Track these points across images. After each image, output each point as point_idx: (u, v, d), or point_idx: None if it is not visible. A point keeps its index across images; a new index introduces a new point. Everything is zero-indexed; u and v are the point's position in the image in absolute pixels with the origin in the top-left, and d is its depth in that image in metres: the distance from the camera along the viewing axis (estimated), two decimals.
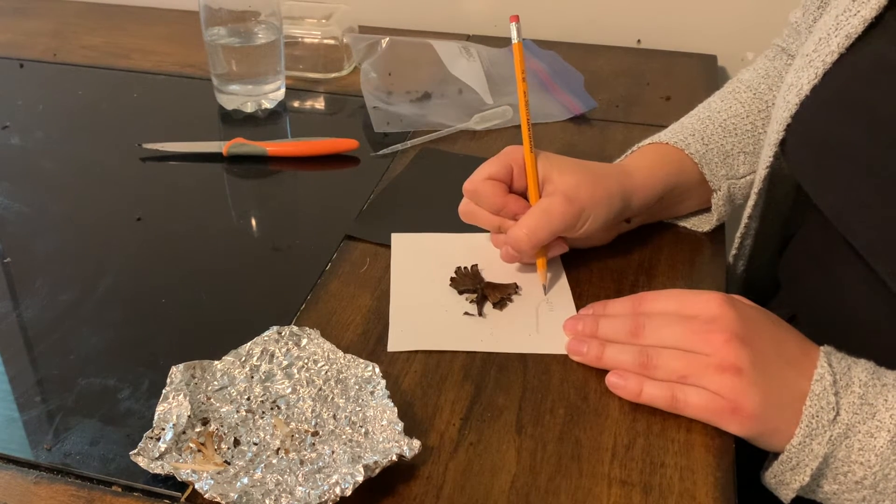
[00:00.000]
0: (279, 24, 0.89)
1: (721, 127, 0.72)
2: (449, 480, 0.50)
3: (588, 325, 0.59)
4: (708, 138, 0.70)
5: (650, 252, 0.69)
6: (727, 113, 0.73)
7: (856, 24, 0.57)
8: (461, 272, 0.66)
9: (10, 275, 0.68)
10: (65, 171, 0.82)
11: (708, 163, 0.70)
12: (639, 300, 0.58)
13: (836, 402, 0.51)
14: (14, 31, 1.12)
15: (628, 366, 0.56)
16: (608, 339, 0.58)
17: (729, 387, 0.52)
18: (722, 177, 0.70)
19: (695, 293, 0.56)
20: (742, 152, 0.71)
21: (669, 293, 0.58)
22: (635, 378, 0.55)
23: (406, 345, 0.60)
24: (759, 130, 0.72)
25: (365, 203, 0.75)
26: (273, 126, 0.90)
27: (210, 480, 0.48)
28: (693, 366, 0.53)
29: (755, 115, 0.73)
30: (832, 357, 0.53)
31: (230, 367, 0.56)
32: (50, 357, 0.60)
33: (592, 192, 0.63)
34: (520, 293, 0.65)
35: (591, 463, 0.52)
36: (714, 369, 0.52)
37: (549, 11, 1.10)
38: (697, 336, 0.53)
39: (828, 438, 0.50)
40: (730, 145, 0.71)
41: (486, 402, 0.56)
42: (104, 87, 0.98)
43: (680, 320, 0.55)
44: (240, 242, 0.72)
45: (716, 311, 0.54)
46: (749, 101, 0.73)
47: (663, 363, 0.54)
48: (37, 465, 0.52)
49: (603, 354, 0.57)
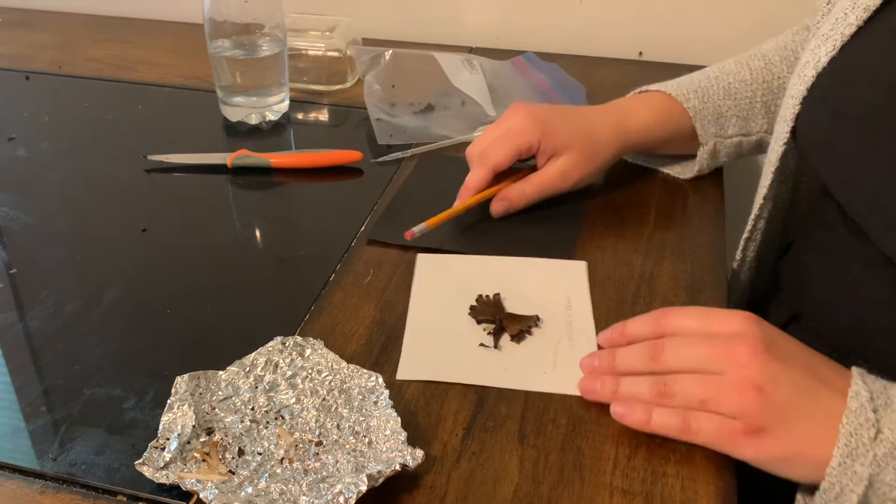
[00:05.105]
0: (283, 36, 0.90)
1: (724, 89, 0.77)
2: (452, 490, 0.51)
3: (605, 361, 0.56)
4: (708, 97, 0.77)
5: (652, 263, 0.70)
6: (734, 77, 0.78)
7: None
8: (482, 301, 0.65)
9: (16, 286, 0.68)
10: (70, 183, 0.82)
11: (701, 119, 0.76)
12: (660, 316, 0.56)
13: (876, 419, 0.47)
14: (20, 44, 1.13)
15: (645, 398, 0.53)
16: (626, 371, 0.55)
17: (746, 408, 0.49)
18: (711, 134, 0.77)
19: (719, 310, 0.54)
20: (736, 115, 0.77)
21: (693, 310, 0.55)
22: (642, 406, 0.53)
23: (416, 374, 0.59)
24: (757, 99, 0.78)
25: (368, 215, 0.76)
26: (277, 138, 0.91)
27: (214, 490, 0.48)
28: (712, 389, 0.50)
29: (759, 84, 0.78)
30: (866, 377, 0.50)
31: (234, 378, 0.56)
32: (55, 367, 0.60)
33: (588, 166, 0.74)
34: (540, 326, 0.63)
35: (593, 472, 0.52)
36: (734, 388, 0.49)
37: (551, 24, 1.10)
38: (718, 351, 0.51)
39: (871, 458, 0.46)
40: (726, 107, 0.77)
41: (489, 411, 0.56)
42: (109, 100, 0.99)
43: (702, 339, 0.52)
44: (244, 253, 0.73)
45: (740, 327, 0.51)
46: (758, 70, 0.78)
47: (681, 389, 0.51)
48: (42, 475, 0.52)
49: (618, 389, 0.54)
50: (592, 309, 0.64)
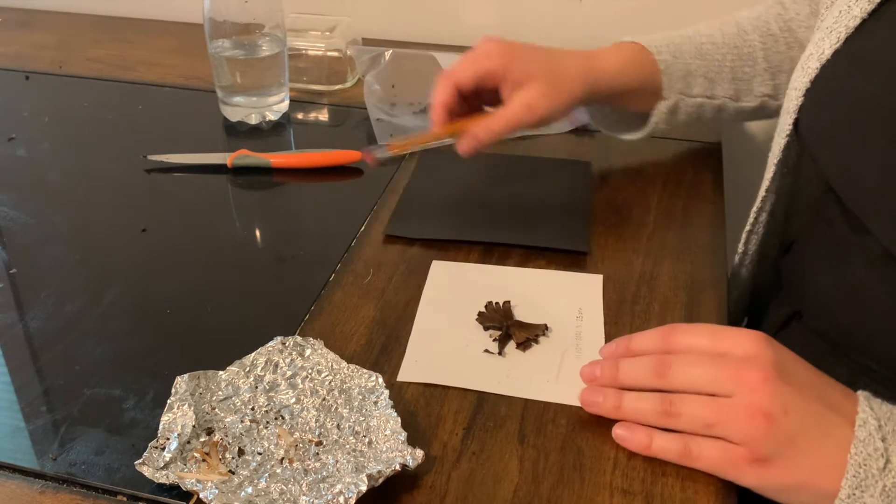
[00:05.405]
0: (283, 36, 0.90)
1: (696, 48, 0.77)
2: (452, 490, 0.51)
3: (607, 371, 0.55)
4: (680, 53, 0.76)
5: (652, 263, 0.70)
6: (707, 38, 0.78)
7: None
8: (491, 307, 0.64)
9: (16, 286, 0.68)
10: (70, 183, 0.82)
11: (670, 74, 0.76)
12: (668, 332, 0.54)
13: (885, 447, 0.46)
14: (20, 44, 1.13)
15: (648, 415, 0.52)
16: (629, 384, 0.53)
17: (753, 435, 0.48)
18: (676, 90, 0.77)
19: (730, 329, 0.52)
20: (703, 76, 0.77)
21: (702, 327, 0.53)
22: (643, 430, 0.52)
23: (417, 376, 0.59)
24: (726, 64, 0.77)
25: (368, 215, 0.76)
26: (277, 138, 0.91)
27: (214, 490, 0.48)
28: (720, 413, 0.49)
29: (729, 48, 0.78)
30: (871, 401, 0.49)
31: (234, 378, 0.56)
32: (55, 367, 0.60)
33: (555, 99, 0.71)
34: (548, 335, 0.62)
35: (593, 472, 0.52)
36: (742, 413, 0.48)
37: (551, 24, 1.10)
38: (728, 373, 0.49)
39: (880, 489, 0.46)
40: (695, 66, 0.77)
41: (489, 411, 0.56)
42: (109, 99, 0.99)
43: (711, 358, 0.51)
44: (244, 253, 0.73)
45: (752, 349, 0.50)
46: (731, 35, 0.78)
47: (687, 411, 0.50)
48: (42, 475, 0.52)
49: (621, 403, 0.53)
50: (604, 321, 0.64)
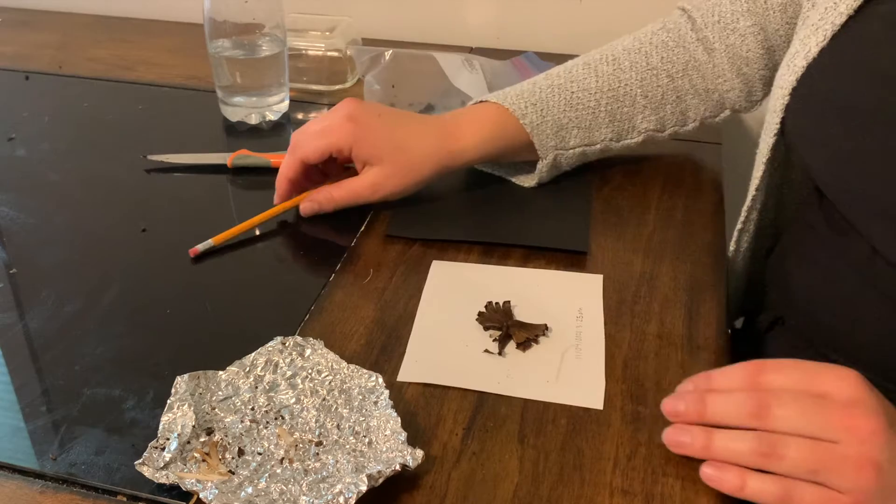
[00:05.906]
0: (283, 36, 0.90)
1: (566, 100, 0.74)
2: (452, 490, 0.51)
3: (692, 406, 0.51)
4: (548, 110, 0.74)
5: (652, 263, 0.70)
6: (579, 85, 0.75)
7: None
8: (491, 307, 0.64)
9: (15, 285, 0.68)
10: (70, 183, 0.82)
11: (539, 134, 0.74)
12: (756, 370, 0.50)
13: None
14: (20, 44, 1.13)
15: (745, 456, 0.48)
16: (719, 422, 0.50)
17: (861, 486, 0.45)
18: (551, 147, 0.75)
19: (823, 367, 0.50)
20: (577, 127, 0.75)
21: (791, 364, 0.50)
22: (735, 470, 0.48)
23: (417, 376, 0.59)
24: (602, 109, 0.75)
25: (368, 215, 0.76)
26: (277, 138, 0.91)
27: (214, 490, 0.48)
28: (827, 460, 0.46)
29: (603, 92, 0.75)
30: None
31: (234, 378, 0.56)
32: (55, 367, 0.60)
33: (402, 180, 0.72)
34: (548, 335, 0.62)
35: (593, 472, 0.52)
36: (852, 464, 0.45)
37: (551, 24, 1.10)
38: (835, 420, 0.46)
39: None
40: (566, 119, 0.75)
41: (489, 412, 0.56)
42: (109, 99, 0.99)
43: (814, 401, 0.48)
44: (244, 253, 0.73)
45: (854, 393, 0.47)
46: (606, 76, 0.75)
47: (792, 454, 0.47)
48: (42, 475, 0.52)
49: (711, 443, 0.49)
50: (604, 321, 0.64)
